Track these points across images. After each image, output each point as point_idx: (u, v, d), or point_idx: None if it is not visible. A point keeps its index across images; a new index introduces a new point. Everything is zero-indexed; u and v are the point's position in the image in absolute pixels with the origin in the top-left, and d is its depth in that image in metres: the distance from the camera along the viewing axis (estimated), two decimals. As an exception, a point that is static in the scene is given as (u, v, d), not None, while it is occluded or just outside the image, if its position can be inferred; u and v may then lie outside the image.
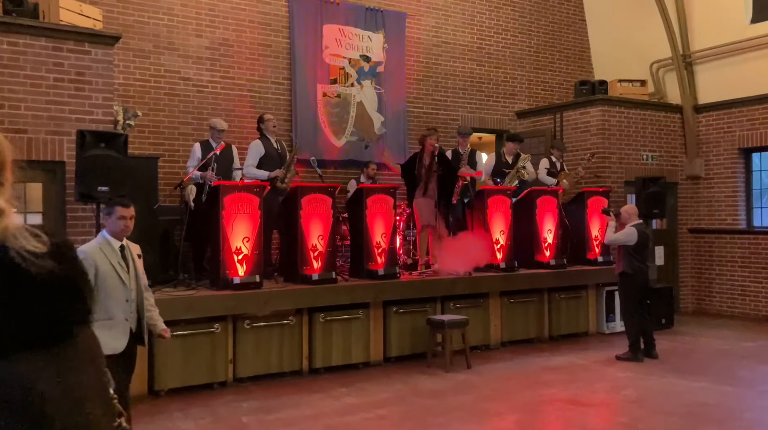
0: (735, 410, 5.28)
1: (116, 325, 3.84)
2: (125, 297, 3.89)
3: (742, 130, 9.93)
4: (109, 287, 3.83)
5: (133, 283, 3.96)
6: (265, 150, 7.22)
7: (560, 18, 11.38)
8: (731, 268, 10.01)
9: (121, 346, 3.83)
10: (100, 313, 3.72)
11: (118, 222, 3.89)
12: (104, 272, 3.82)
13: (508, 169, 8.56)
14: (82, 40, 6.06)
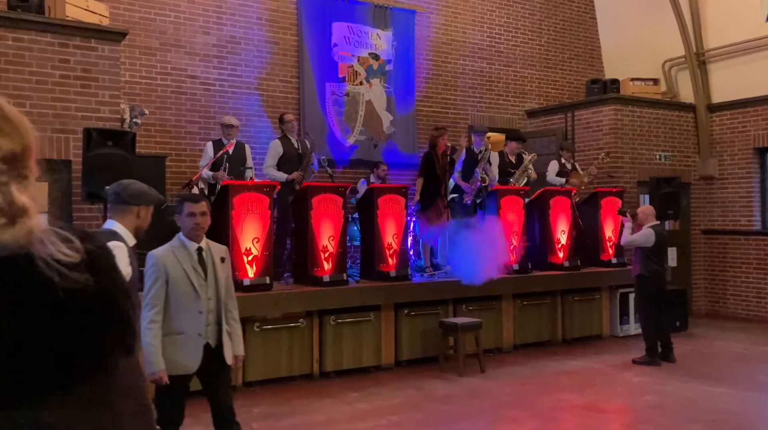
0: (760, 418, 5.13)
1: (188, 341, 3.35)
2: (198, 308, 3.37)
3: (757, 129, 9.77)
4: (181, 297, 3.35)
5: (211, 291, 3.43)
6: (284, 150, 7.09)
7: (570, 16, 11.23)
8: (746, 270, 9.84)
9: (193, 365, 3.35)
10: (170, 326, 3.33)
11: (188, 220, 3.41)
12: (175, 280, 3.33)
13: (512, 169, 8.41)
14: (88, 37, 5.94)
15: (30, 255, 0.61)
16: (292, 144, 7.24)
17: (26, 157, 0.64)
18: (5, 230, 0.60)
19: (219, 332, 3.43)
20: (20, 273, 0.59)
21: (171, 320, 3.32)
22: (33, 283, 0.60)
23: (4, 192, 0.61)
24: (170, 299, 3.32)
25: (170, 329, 3.33)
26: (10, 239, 0.59)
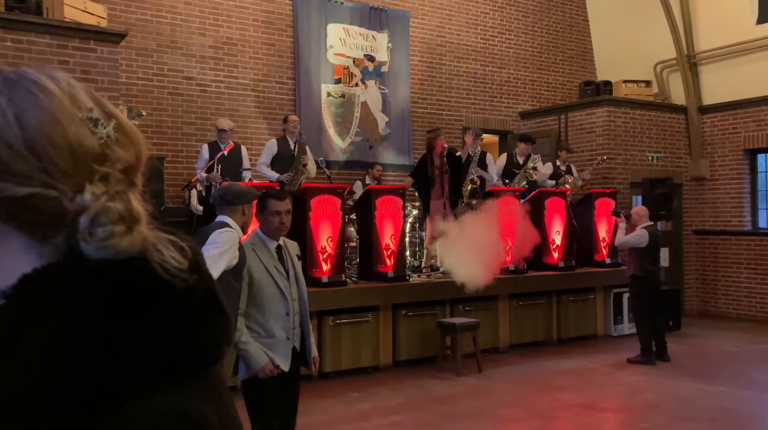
0: (757, 416, 5.21)
1: (277, 344, 3.18)
2: (285, 310, 3.21)
3: (747, 131, 9.90)
4: (267, 298, 3.17)
5: (295, 292, 3.29)
6: (278, 150, 7.17)
7: (563, 18, 11.32)
8: (737, 269, 9.97)
9: (283, 370, 3.20)
10: (259, 330, 3.14)
11: (272, 218, 3.21)
12: (260, 280, 3.16)
13: (518, 170, 8.47)
14: (87, 38, 5.92)
15: (147, 259, 0.64)
16: (288, 145, 7.28)
17: (139, 167, 0.68)
18: (123, 237, 0.62)
19: (302, 335, 3.30)
20: (142, 274, 0.63)
21: (259, 323, 3.13)
22: (154, 283, 0.63)
23: (125, 200, 0.64)
24: (255, 301, 3.14)
25: (259, 332, 3.14)
26: (128, 245, 0.62)
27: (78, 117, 0.64)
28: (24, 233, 0.62)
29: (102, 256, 0.61)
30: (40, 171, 0.61)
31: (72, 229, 0.62)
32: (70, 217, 0.62)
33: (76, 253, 0.62)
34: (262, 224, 3.29)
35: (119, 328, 0.59)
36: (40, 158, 0.61)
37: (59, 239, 0.62)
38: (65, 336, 0.58)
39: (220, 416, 0.66)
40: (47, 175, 0.61)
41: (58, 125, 0.62)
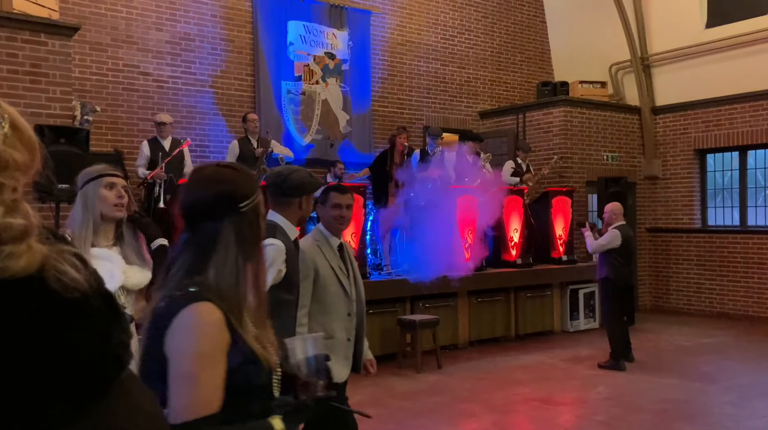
0: (705, 406, 5.38)
1: (337, 346, 3.01)
2: (347, 310, 3.07)
3: (697, 131, 10.21)
4: (330, 297, 3.01)
5: (354, 292, 3.13)
6: (241, 150, 7.15)
7: (521, 20, 11.48)
8: (687, 266, 10.28)
9: (344, 373, 3.04)
10: (318, 329, 2.89)
11: (334, 211, 3.02)
12: (325, 278, 2.96)
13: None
14: (37, 30, 5.76)
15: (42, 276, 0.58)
16: (250, 144, 7.24)
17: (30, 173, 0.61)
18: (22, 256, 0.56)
19: (358, 338, 3.15)
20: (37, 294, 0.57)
21: (320, 322, 2.94)
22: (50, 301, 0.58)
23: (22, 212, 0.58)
24: (318, 300, 2.95)
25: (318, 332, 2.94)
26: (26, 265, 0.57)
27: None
28: None
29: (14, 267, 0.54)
30: None
31: None
32: None
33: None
34: (322, 218, 3.11)
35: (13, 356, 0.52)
36: None
37: None
38: None
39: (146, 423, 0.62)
40: None
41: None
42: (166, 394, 1.35)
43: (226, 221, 1.45)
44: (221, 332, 1.37)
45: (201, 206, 1.47)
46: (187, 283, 1.41)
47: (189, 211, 1.49)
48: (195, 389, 1.33)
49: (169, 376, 1.34)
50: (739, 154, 10.02)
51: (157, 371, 1.35)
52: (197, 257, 1.44)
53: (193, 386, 1.33)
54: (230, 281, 1.42)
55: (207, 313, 1.37)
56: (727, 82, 9.59)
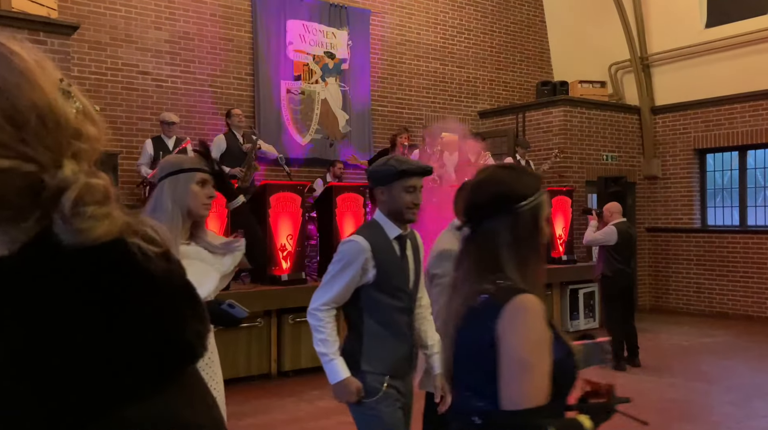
0: (705, 406, 5.38)
1: None
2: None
3: (697, 131, 10.21)
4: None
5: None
6: (227, 146, 7.11)
7: (521, 19, 11.48)
8: (687, 266, 10.28)
9: None
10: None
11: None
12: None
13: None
14: (36, 29, 5.74)
15: (126, 243, 0.58)
16: (237, 140, 7.22)
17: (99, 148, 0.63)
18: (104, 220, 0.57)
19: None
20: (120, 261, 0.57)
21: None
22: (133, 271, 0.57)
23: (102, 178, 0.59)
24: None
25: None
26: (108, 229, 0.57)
27: (55, 86, 0.57)
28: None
29: (80, 241, 0.54)
30: (17, 142, 0.53)
31: (46, 210, 0.54)
32: (48, 195, 0.54)
33: (50, 238, 0.54)
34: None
35: (93, 325, 0.52)
36: (19, 127, 0.53)
37: (30, 223, 0.54)
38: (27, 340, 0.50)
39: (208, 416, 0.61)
40: (26, 146, 0.53)
41: (40, 91, 0.55)
42: (481, 381, 1.43)
43: (503, 221, 1.51)
44: (546, 323, 1.44)
45: (479, 207, 1.55)
46: (493, 279, 1.48)
47: (469, 212, 1.58)
48: (530, 377, 1.39)
49: (500, 364, 1.40)
50: (738, 153, 10.02)
51: (476, 361, 1.45)
52: (484, 257, 1.52)
53: (529, 373, 1.39)
54: (521, 280, 1.48)
55: (535, 303, 1.44)
56: (726, 82, 9.59)
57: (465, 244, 1.58)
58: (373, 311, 2.60)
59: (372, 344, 2.62)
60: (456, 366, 1.53)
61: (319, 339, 2.61)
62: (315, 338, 2.63)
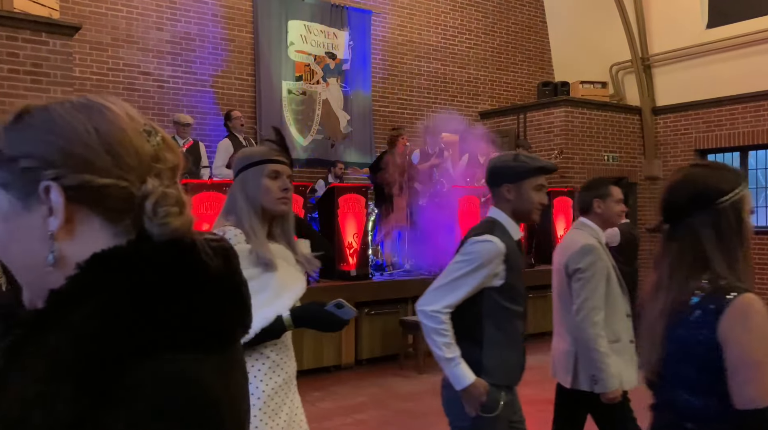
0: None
1: (624, 349, 2.86)
2: (626, 310, 2.90)
3: (698, 131, 10.21)
4: (614, 298, 2.80)
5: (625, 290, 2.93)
6: (234, 149, 7.06)
7: (522, 19, 11.48)
8: (688, 266, 10.26)
9: (633, 379, 2.83)
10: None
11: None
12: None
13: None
14: (39, 30, 5.73)
15: (194, 242, 0.78)
16: (239, 142, 7.23)
17: (179, 170, 0.85)
18: (177, 217, 0.77)
19: None
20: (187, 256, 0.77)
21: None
22: (195, 264, 0.77)
23: (177, 188, 0.80)
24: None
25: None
26: (181, 225, 0.77)
27: (137, 129, 0.80)
28: (101, 216, 0.78)
29: (162, 232, 0.76)
30: (114, 167, 0.77)
31: (137, 212, 0.77)
32: (137, 202, 0.77)
33: (142, 234, 0.77)
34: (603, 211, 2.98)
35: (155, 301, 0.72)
36: (114, 158, 0.77)
37: (128, 221, 0.78)
38: (108, 310, 0.71)
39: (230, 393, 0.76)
40: (120, 170, 0.77)
41: (125, 134, 0.79)
42: (698, 380, 1.48)
43: (704, 219, 1.53)
44: None
45: (678, 207, 1.58)
46: (705, 278, 1.51)
47: (667, 212, 1.61)
48: (765, 376, 1.41)
49: (729, 364, 1.44)
50: (740, 154, 10.01)
51: (693, 360, 1.48)
52: (689, 256, 1.54)
53: (764, 373, 1.41)
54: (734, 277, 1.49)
55: (759, 302, 1.46)
56: (728, 83, 9.59)
57: (665, 244, 1.59)
58: (494, 317, 2.39)
59: (493, 353, 2.39)
60: (668, 365, 1.56)
61: (442, 343, 2.35)
62: (436, 342, 2.36)
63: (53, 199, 0.76)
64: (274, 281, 2.04)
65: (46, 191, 0.76)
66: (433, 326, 2.36)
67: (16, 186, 0.78)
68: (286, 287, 2.09)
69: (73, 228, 0.77)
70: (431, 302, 2.38)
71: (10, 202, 0.78)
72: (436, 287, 2.40)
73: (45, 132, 0.78)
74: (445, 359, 2.35)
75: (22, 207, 0.77)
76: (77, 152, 0.77)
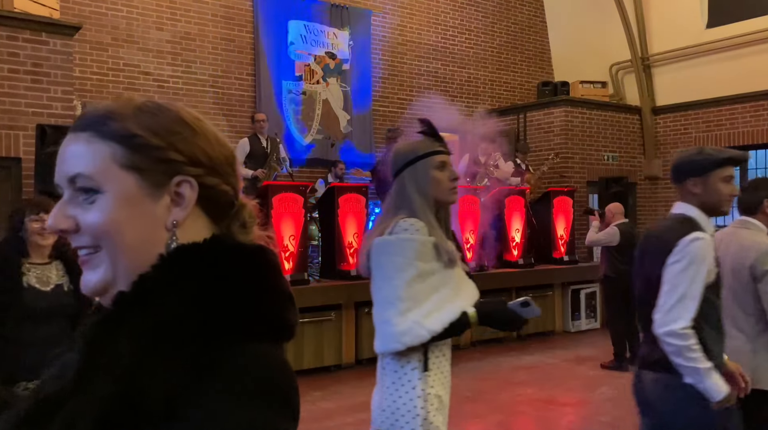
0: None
1: None
2: None
3: (698, 131, 10.21)
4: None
5: None
6: (251, 148, 7.26)
7: (522, 19, 11.48)
8: (688, 266, 10.26)
9: None
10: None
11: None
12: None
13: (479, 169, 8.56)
14: (39, 30, 5.73)
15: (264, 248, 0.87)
16: (260, 143, 7.33)
17: None
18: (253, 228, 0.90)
19: None
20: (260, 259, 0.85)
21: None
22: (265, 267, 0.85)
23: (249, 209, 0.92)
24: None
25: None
26: (255, 235, 0.89)
27: None
28: (207, 216, 0.86)
29: (246, 238, 0.87)
30: (230, 176, 0.87)
31: (232, 218, 0.87)
32: (236, 210, 0.88)
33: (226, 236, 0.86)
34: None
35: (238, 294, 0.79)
36: (230, 168, 0.88)
37: (223, 224, 0.87)
38: (196, 297, 0.77)
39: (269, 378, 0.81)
40: (231, 179, 0.88)
41: (230, 148, 0.89)
42: None
43: None
44: None
45: None
46: None
47: None
48: None
49: None
50: (739, 154, 10.01)
51: None
52: None
53: None
54: None
55: None
56: (727, 83, 9.59)
57: None
58: (708, 316, 2.29)
59: (715, 353, 2.29)
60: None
61: (696, 356, 2.19)
62: (690, 358, 2.19)
63: (186, 194, 0.82)
64: (454, 276, 2.07)
65: (178, 184, 0.81)
66: (684, 344, 2.20)
67: (151, 173, 0.81)
68: (464, 283, 2.13)
69: (186, 222, 0.83)
70: (676, 320, 2.21)
71: (139, 188, 0.80)
72: (670, 303, 2.24)
73: (186, 129, 0.84)
74: (703, 371, 2.19)
75: (150, 194, 0.81)
76: (215, 157, 0.85)
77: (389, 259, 2.02)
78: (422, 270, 2.01)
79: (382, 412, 2.08)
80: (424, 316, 2.00)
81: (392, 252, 2.01)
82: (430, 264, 2.03)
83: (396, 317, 1.99)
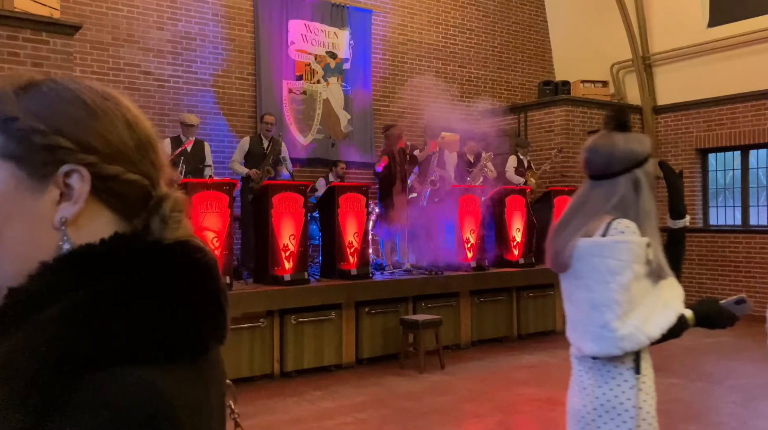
0: (709, 406, 5.37)
1: None
2: None
3: (698, 131, 10.20)
4: None
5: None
6: (250, 148, 7.29)
7: (522, 18, 11.47)
8: (689, 265, 10.24)
9: None
10: None
11: None
12: None
13: (470, 168, 8.56)
14: (39, 29, 5.73)
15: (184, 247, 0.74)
16: (261, 144, 7.35)
17: None
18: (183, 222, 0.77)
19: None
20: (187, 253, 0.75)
21: None
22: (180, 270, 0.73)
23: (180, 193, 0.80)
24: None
25: None
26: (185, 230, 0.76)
27: None
28: (112, 211, 0.73)
29: (170, 236, 0.74)
30: (141, 163, 0.74)
31: (148, 213, 0.74)
32: (153, 203, 0.74)
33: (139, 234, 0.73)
34: None
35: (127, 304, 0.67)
36: (142, 154, 0.74)
37: (140, 220, 0.74)
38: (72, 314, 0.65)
39: (195, 403, 0.70)
40: (145, 167, 0.75)
41: (150, 132, 0.77)
42: None
43: None
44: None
45: None
46: None
47: None
48: None
49: None
50: (741, 153, 10.00)
51: None
52: None
53: None
54: None
55: None
56: (728, 82, 9.58)
57: None
58: None
59: None
60: None
61: None
62: None
63: (76, 186, 0.69)
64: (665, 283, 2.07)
65: (67, 175, 0.69)
66: None
67: (32, 163, 0.68)
68: (673, 286, 2.11)
69: (81, 220, 0.70)
70: None
71: (17, 180, 0.68)
72: None
73: (79, 110, 0.71)
74: None
75: (30, 187, 0.69)
76: (118, 142, 0.72)
77: (603, 261, 1.99)
78: (638, 273, 2.01)
79: (593, 410, 2.07)
80: (643, 321, 1.99)
81: (607, 255, 1.99)
82: (643, 267, 2.03)
83: (614, 322, 1.97)
